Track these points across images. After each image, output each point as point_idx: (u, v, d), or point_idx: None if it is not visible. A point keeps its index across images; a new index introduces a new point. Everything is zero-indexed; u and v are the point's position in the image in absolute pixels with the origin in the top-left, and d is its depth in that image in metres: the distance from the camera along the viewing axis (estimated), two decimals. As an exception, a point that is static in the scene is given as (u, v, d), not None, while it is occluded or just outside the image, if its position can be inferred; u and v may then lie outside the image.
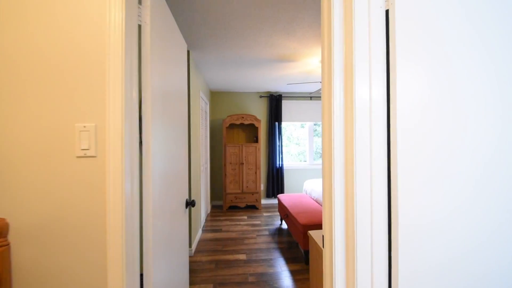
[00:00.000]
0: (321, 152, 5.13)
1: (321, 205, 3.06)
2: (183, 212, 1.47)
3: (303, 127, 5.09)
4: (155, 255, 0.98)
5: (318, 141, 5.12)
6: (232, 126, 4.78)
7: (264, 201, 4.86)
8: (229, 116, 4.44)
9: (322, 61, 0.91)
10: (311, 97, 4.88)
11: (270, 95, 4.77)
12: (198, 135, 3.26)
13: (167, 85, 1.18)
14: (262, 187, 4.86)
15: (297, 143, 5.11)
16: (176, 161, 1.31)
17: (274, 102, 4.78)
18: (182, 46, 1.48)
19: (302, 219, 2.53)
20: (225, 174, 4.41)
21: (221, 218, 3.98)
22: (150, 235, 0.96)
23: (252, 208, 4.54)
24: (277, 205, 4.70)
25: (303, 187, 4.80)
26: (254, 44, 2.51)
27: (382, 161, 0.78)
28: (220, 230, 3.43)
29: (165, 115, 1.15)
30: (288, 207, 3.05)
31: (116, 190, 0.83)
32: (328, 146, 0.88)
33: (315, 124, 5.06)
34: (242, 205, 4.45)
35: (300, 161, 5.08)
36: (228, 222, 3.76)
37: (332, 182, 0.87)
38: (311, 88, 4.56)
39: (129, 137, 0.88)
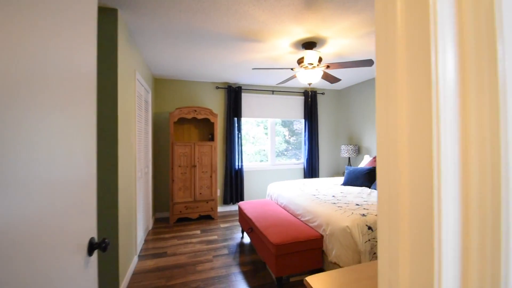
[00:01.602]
0: (280, 150, 4.73)
1: (293, 215, 2.59)
2: (83, 262, 0.77)
3: (258, 125, 4.61)
4: None
5: (276, 139, 4.72)
6: (182, 121, 3.98)
7: (220, 209, 4.20)
8: (178, 109, 3.64)
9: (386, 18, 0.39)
10: (273, 91, 4.44)
11: (228, 86, 4.13)
12: (133, 130, 2.42)
13: (29, 52, 0.48)
14: (219, 192, 4.19)
15: (253, 142, 4.60)
16: (56, 176, 0.60)
17: (233, 95, 4.17)
18: None
19: (274, 238, 2.00)
20: (173, 180, 3.60)
21: (167, 235, 3.17)
22: None
23: (207, 218, 3.84)
24: (236, 212, 4.11)
25: (266, 191, 4.32)
26: (213, 8, 1.86)
27: None
28: (164, 254, 2.65)
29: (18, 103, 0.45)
30: (253, 219, 2.50)
31: None
32: (406, 154, 0.43)
33: (277, 123, 4.64)
34: (194, 216, 3.71)
35: (256, 161, 4.58)
36: (175, 241, 2.99)
37: (434, 222, 0.36)
38: (272, 81, 4.11)
39: None
